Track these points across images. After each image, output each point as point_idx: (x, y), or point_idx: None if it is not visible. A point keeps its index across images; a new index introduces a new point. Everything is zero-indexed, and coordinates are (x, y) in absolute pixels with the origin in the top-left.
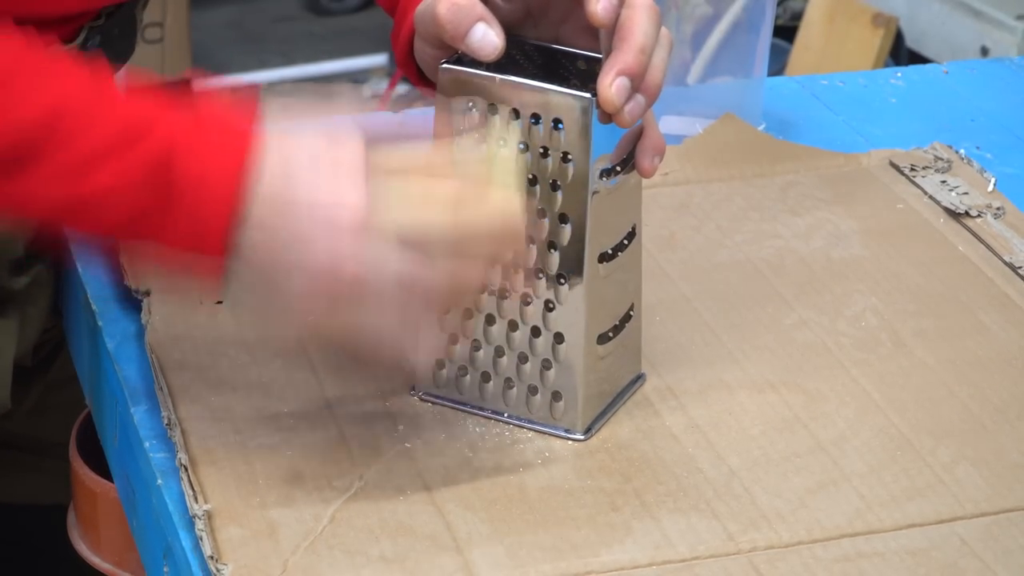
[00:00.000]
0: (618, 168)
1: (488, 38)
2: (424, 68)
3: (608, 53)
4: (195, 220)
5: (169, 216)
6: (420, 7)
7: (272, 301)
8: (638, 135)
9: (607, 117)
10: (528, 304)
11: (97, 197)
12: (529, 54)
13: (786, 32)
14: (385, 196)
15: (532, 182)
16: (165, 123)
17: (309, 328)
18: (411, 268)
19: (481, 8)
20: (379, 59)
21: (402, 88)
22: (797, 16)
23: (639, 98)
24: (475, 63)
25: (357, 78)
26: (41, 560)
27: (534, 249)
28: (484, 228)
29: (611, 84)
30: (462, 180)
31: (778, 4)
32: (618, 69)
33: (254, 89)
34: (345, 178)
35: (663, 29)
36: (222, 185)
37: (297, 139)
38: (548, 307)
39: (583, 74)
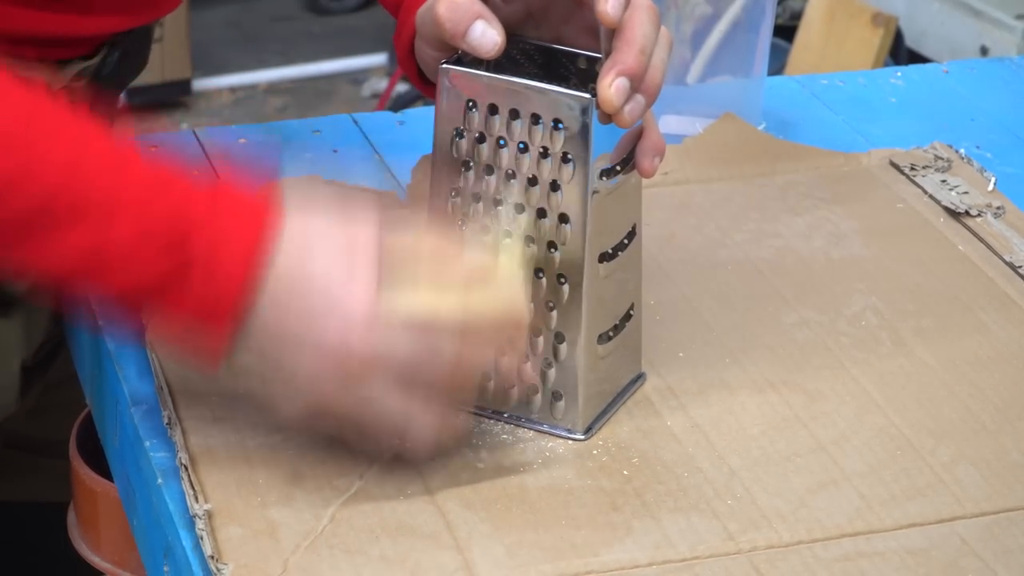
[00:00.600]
0: (618, 168)
1: (488, 35)
2: (425, 69)
3: (608, 53)
4: (207, 292)
5: (181, 285)
6: (421, 8)
7: (279, 375)
8: (638, 135)
9: (607, 117)
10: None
11: (113, 260)
12: (529, 54)
13: (786, 32)
14: (396, 281)
15: (537, 273)
16: (181, 190)
17: (313, 404)
18: (418, 352)
19: (480, 6)
20: (379, 59)
21: (402, 88)
22: (797, 16)
23: (639, 98)
24: (475, 63)
25: (357, 78)
26: (41, 559)
27: (539, 341)
28: (489, 317)
29: (611, 84)
30: (469, 268)
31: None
32: (618, 70)
33: (273, 168)
34: (359, 260)
35: (663, 29)
36: (237, 258)
37: (314, 218)
38: (548, 307)
39: (583, 74)
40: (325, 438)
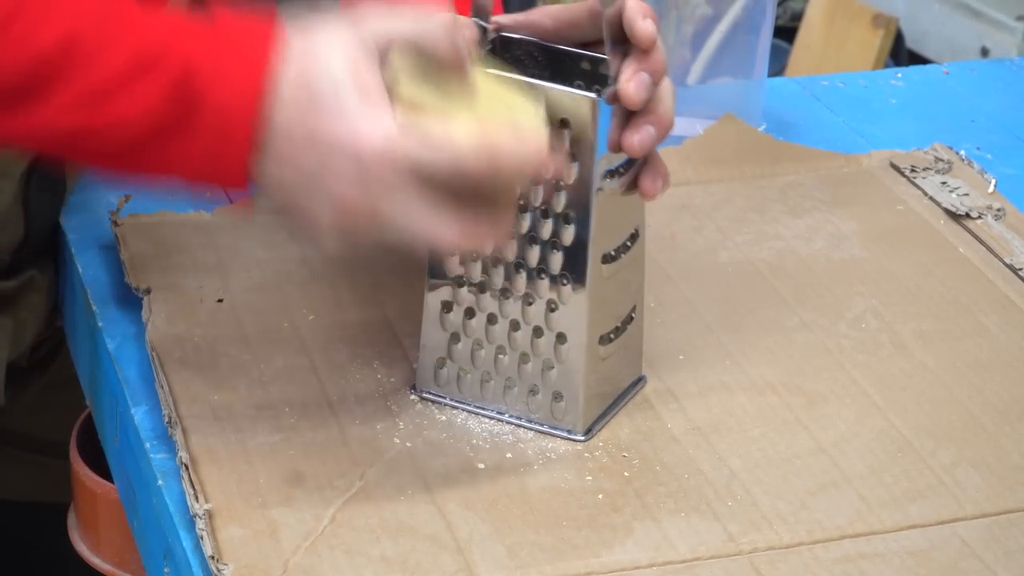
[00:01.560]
0: (622, 169)
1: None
2: None
3: (612, 53)
4: (215, 148)
5: (186, 142)
6: None
7: (306, 182)
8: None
9: (616, 145)
10: (530, 304)
11: (112, 125)
12: (534, 54)
13: (786, 32)
14: (410, 81)
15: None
16: (182, 45)
17: (341, 209)
18: (436, 156)
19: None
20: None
21: None
22: (797, 16)
23: (650, 130)
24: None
25: None
26: (37, 557)
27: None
28: (510, 151)
29: (630, 79)
30: (485, 105)
31: (778, 4)
32: (637, 67)
33: (272, 5)
34: (369, 105)
35: (667, 79)
36: (243, 111)
37: (319, 61)
38: (550, 307)
39: (588, 74)
40: (326, 438)
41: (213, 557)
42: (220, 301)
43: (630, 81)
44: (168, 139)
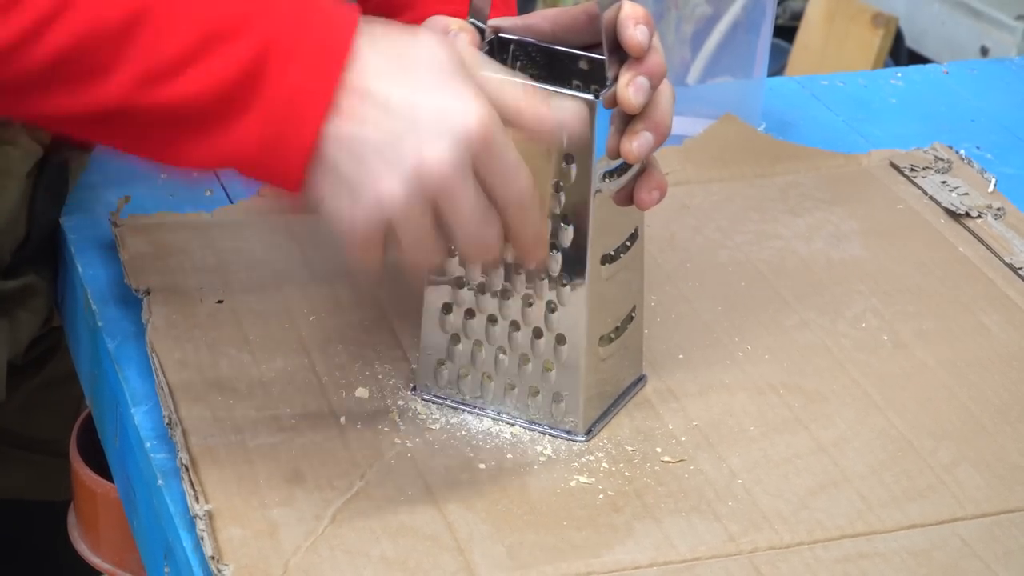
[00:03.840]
0: (620, 171)
1: (458, 38)
2: None
3: (610, 57)
4: (276, 132)
5: (247, 124)
6: None
7: (352, 192)
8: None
9: (615, 151)
10: (530, 305)
11: (175, 104)
12: (531, 56)
13: (786, 32)
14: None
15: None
16: (261, 21)
17: (389, 212)
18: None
19: (451, 19)
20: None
21: None
22: (797, 16)
23: (647, 136)
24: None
25: None
26: (32, 556)
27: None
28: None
29: (628, 84)
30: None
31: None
32: (636, 70)
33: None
34: (468, 84)
35: (667, 81)
36: (314, 99)
37: (416, 42)
38: (550, 308)
39: (586, 75)
40: (326, 438)
41: (213, 557)
42: (220, 302)
43: (628, 85)
44: (229, 119)
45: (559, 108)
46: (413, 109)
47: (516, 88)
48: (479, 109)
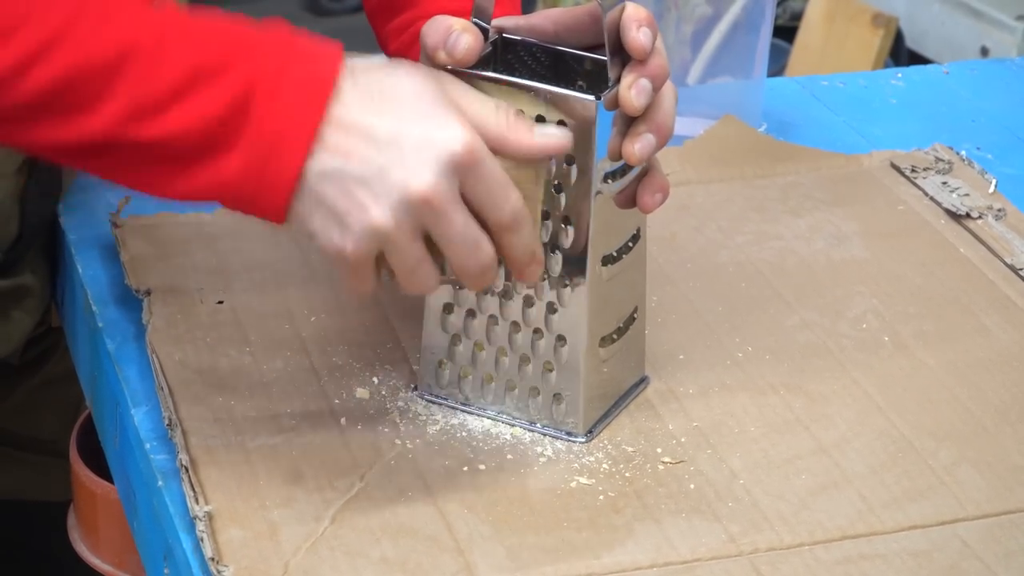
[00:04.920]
0: (622, 171)
1: (461, 39)
2: None
3: (612, 58)
4: (259, 169)
5: (231, 160)
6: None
7: (339, 217)
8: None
9: (617, 153)
10: (531, 306)
11: (160, 137)
12: (535, 56)
13: (786, 32)
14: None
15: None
16: (246, 60)
17: (381, 237)
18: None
19: (456, 19)
20: (379, 59)
21: None
22: (797, 16)
23: (649, 138)
24: (480, 66)
25: None
26: (30, 557)
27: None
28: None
29: (631, 86)
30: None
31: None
32: (639, 72)
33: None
34: (451, 112)
35: (669, 83)
36: (297, 136)
37: (395, 74)
38: (551, 309)
39: (588, 76)
40: (326, 439)
41: (213, 559)
42: (220, 303)
43: (630, 88)
44: (214, 155)
45: (543, 135)
46: (397, 139)
47: (499, 114)
48: (463, 134)
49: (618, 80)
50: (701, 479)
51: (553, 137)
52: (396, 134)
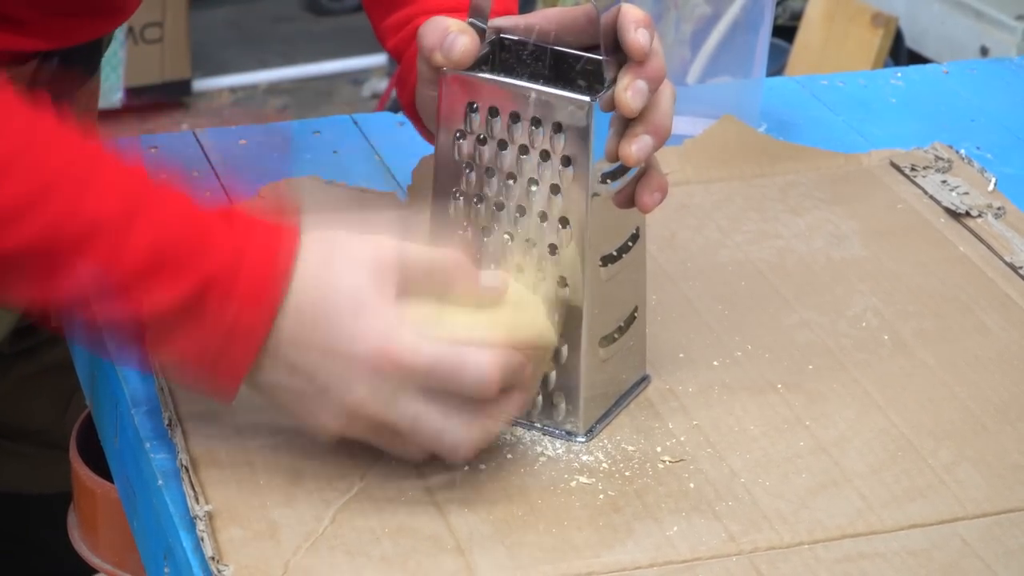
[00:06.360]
0: (620, 171)
1: (458, 41)
2: (426, 119)
3: (609, 58)
4: (226, 313)
5: (198, 307)
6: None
7: (313, 387)
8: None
9: (614, 155)
10: None
11: (122, 317)
12: (532, 56)
13: (786, 32)
14: (423, 293)
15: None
16: (207, 253)
17: (350, 412)
18: (448, 363)
19: (455, 20)
20: (379, 59)
21: None
22: (797, 16)
23: (647, 139)
24: (478, 66)
25: (357, 78)
26: (26, 549)
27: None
28: (521, 337)
29: (627, 88)
30: (491, 287)
31: (777, 4)
32: (635, 73)
33: (295, 208)
34: (384, 270)
35: (667, 81)
36: (257, 276)
37: (332, 231)
38: None
39: (588, 75)
40: (325, 439)
41: (214, 558)
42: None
43: (627, 90)
44: (171, 337)
45: (487, 276)
46: (333, 363)
47: (444, 264)
48: (398, 342)
49: (614, 81)
50: (701, 478)
51: (493, 280)
52: (332, 358)
